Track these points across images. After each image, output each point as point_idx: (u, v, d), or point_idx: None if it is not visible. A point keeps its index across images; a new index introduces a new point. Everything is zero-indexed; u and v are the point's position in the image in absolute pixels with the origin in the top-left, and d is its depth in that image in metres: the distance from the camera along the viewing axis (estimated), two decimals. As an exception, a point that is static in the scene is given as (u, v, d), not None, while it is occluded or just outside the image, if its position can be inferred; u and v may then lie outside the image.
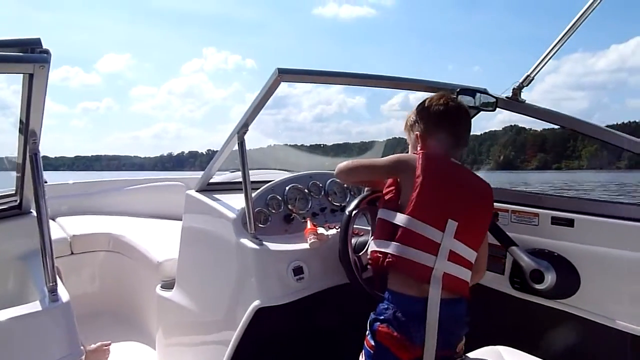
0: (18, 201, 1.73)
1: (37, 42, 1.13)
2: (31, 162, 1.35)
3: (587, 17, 1.66)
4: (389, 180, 1.59)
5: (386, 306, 1.45)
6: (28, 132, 1.32)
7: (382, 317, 1.44)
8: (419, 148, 1.58)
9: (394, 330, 1.41)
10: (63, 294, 1.33)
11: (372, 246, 1.53)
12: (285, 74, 1.58)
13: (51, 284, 1.32)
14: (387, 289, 1.47)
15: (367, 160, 1.66)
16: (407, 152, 1.69)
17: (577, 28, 1.69)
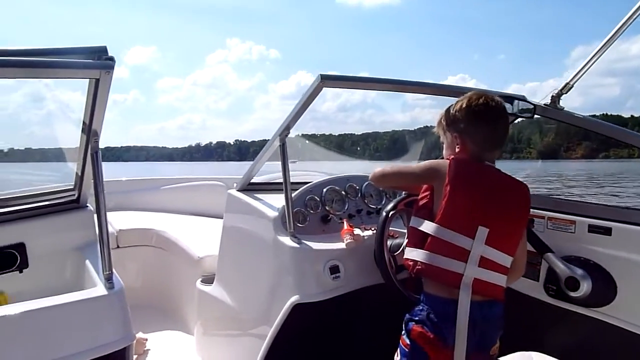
0: (76, 195, 1.85)
1: (103, 50, 1.24)
2: (92, 159, 1.46)
3: (628, 26, 1.66)
4: (425, 186, 1.59)
5: (421, 307, 1.49)
6: (90, 132, 1.44)
7: (416, 318, 1.48)
8: (457, 149, 1.58)
9: (428, 330, 1.45)
10: (117, 281, 1.43)
11: (405, 252, 1.57)
12: (328, 80, 1.64)
13: (107, 272, 1.42)
14: (423, 291, 1.52)
15: (399, 166, 1.70)
16: (442, 153, 1.71)
17: (617, 37, 1.69)
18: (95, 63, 1.21)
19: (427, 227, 1.49)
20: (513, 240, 1.54)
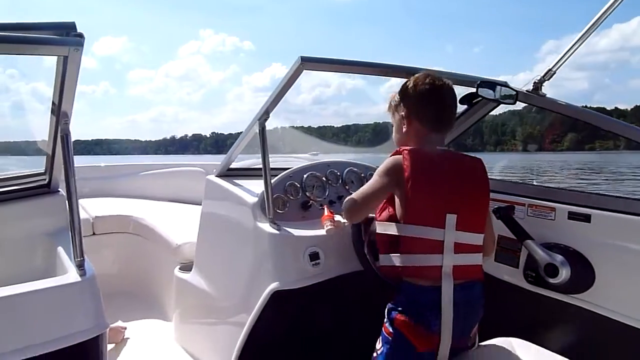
0: (47, 180, 1.79)
1: (72, 26, 1.18)
2: (62, 142, 1.40)
3: (610, 12, 1.66)
4: None
5: (403, 296, 1.48)
6: (60, 114, 1.38)
7: (399, 308, 1.47)
8: (404, 130, 1.59)
9: (411, 318, 1.44)
10: (89, 268, 1.39)
11: (380, 260, 1.56)
12: (308, 62, 1.60)
13: (79, 259, 1.37)
14: (402, 279, 1.49)
15: (363, 190, 1.56)
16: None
17: (600, 23, 1.69)
18: (64, 39, 1.15)
19: (396, 229, 1.48)
20: (480, 218, 1.56)
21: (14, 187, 1.77)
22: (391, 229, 1.49)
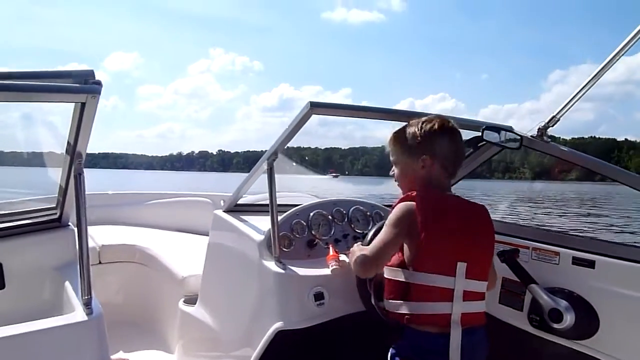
0: (58, 214, 1.82)
1: (90, 74, 1.23)
2: (75, 181, 1.44)
3: (615, 62, 1.69)
4: None
5: (407, 342, 1.48)
6: (75, 154, 1.42)
7: (403, 353, 1.47)
8: (419, 172, 1.56)
9: None
10: (96, 306, 1.40)
11: (387, 305, 1.55)
12: (317, 107, 1.64)
13: (86, 297, 1.39)
14: (406, 326, 1.48)
15: (375, 246, 1.52)
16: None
17: (604, 73, 1.72)
18: (82, 87, 1.20)
19: (407, 276, 1.47)
20: (487, 265, 1.57)
21: (25, 221, 1.80)
22: (400, 275, 1.49)
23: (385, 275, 1.55)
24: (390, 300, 1.53)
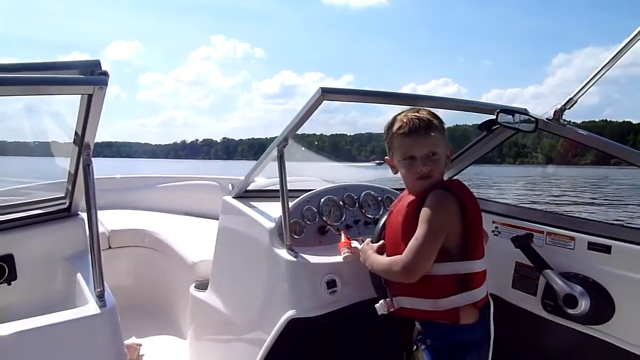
0: (67, 204, 1.81)
1: (97, 64, 1.20)
2: (84, 171, 1.42)
3: (635, 43, 1.64)
4: None
5: (444, 341, 1.47)
6: (83, 145, 1.40)
7: (442, 354, 1.46)
8: (446, 162, 1.57)
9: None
10: (109, 298, 1.40)
11: (433, 307, 1.46)
12: (328, 93, 1.60)
13: (99, 290, 1.38)
14: (429, 321, 1.49)
15: (417, 253, 1.42)
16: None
17: (623, 54, 1.67)
18: (89, 78, 1.17)
19: (465, 267, 1.46)
20: None
21: (35, 212, 1.79)
22: (454, 269, 1.45)
23: (433, 273, 1.44)
24: (440, 299, 1.45)
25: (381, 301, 1.60)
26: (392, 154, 1.58)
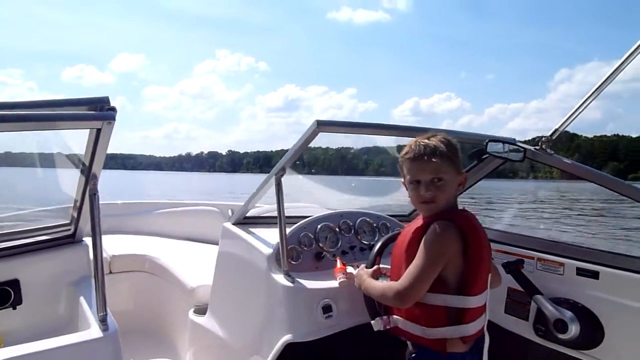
0: (72, 231, 1.87)
1: (105, 101, 1.27)
2: (90, 201, 1.48)
3: (614, 79, 1.72)
4: None
5: (428, 358, 1.50)
6: (90, 175, 1.46)
7: None
8: (457, 189, 1.55)
9: None
10: (112, 323, 1.44)
11: (424, 334, 1.49)
12: (323, 126, 1.68)
13: (102, 314, 1.43)
14: (421, 345, 1.51)
15: (414, 274, 1.45)
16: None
17: (604, 89, 1.75)
18: (98, 114, 1.25)
19: (459, 302, 1.46)
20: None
21: (40, 238, 1.84)
22: (447, 301, 1.46)
23: (429, 302, 1.47)
24: (431, 328, 1.48)
25: (377, 318, 1.63)
26: (403, 177, 1.60)
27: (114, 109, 1.26)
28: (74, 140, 1.53)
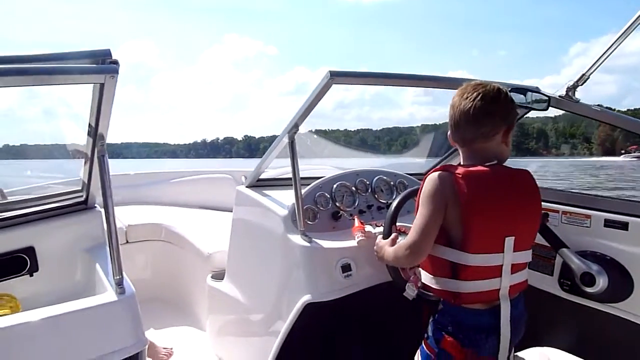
0: (84, 197, 1.84)
1: (107, 53, 1.21)
2: (99, 162, 1.44)
3: None
4: None
5: (448, 319, 1.44)
6: (97, 136, 1.41)
7: (447, 328, 1.43)
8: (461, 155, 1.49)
9: (460, 341, 1.41)
10: (128, 286, 1.42)
11: (430, 281, 1.48)
12: (337, 77, 1.60)
13: (118, 277, 1.40)
14: (445, 300, 1.45)
15: (415, 228, 1.42)
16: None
17: (635, 27, 1.64)
18: (99, 67, 1.19)
19: (455, 256, 1.39)
20: (533, 234, 1.50)
21: (53, 205, 1.82)
22: (448, 254, 1.41)
23: (432, 253, 1.44)
24: (437, 277, 1.46)
25: (407, 284, 1.58)
26: (468, 131, 1.47)
27: (116, 62, 1.20)
28: (82, 103, 1.48)
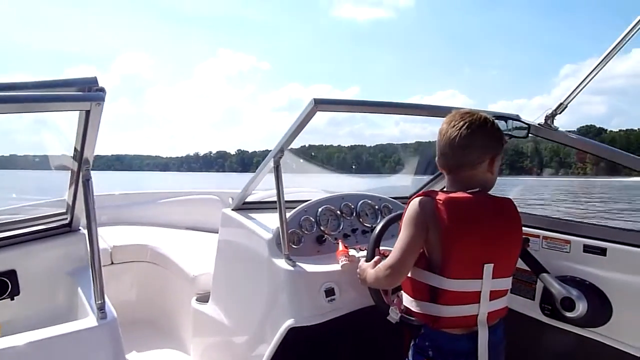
0: (69, 219, 1.84)
1: (93, 81, 1.23)
2: (84, 187, 1.45)
3: (621, 47, 1.67)
4: None
5: (428, 343, 1.45)
6: (82, 160, 1.43)
7: (427, 352, 1.45)
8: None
9: None
10: (110, 311, 1.42)
11: (410, 304, 1.50)
12: (321, 104, 1.64)
13: (100, 302, 1.40)
14: (425, 324, 1.46)
15: (396, 253, 1.44)
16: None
17: (611, 58, 1.70)
18: (86, 95, 1.21)
19: (434, 281, 1.41)
20: (514, 261, 1.52)
21: (37, 228, 1.81)
22: (428, 279, 1.43)
23: (410, 275, 1.48)
24: (417, 300, 1.47)
25: (391, 308, 1.58)
26: (459, 157, 1.49)
27: (102, 90, 1.22)
28: (68, 127, 1.49)
